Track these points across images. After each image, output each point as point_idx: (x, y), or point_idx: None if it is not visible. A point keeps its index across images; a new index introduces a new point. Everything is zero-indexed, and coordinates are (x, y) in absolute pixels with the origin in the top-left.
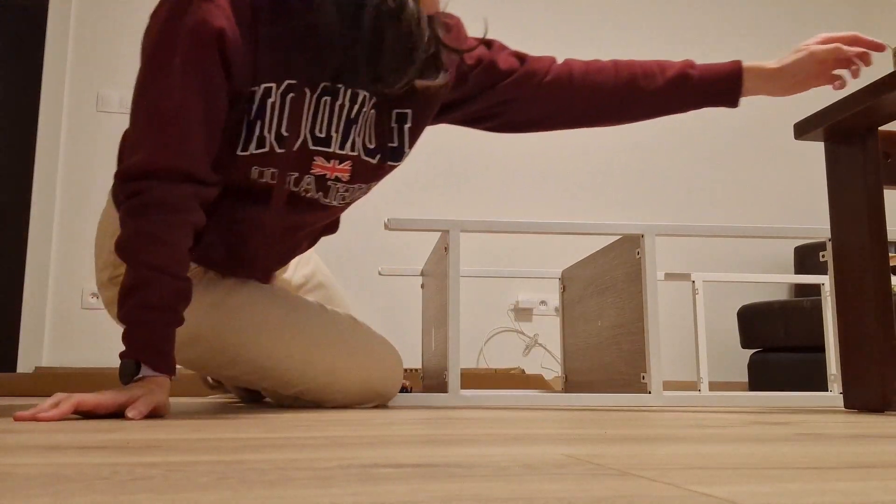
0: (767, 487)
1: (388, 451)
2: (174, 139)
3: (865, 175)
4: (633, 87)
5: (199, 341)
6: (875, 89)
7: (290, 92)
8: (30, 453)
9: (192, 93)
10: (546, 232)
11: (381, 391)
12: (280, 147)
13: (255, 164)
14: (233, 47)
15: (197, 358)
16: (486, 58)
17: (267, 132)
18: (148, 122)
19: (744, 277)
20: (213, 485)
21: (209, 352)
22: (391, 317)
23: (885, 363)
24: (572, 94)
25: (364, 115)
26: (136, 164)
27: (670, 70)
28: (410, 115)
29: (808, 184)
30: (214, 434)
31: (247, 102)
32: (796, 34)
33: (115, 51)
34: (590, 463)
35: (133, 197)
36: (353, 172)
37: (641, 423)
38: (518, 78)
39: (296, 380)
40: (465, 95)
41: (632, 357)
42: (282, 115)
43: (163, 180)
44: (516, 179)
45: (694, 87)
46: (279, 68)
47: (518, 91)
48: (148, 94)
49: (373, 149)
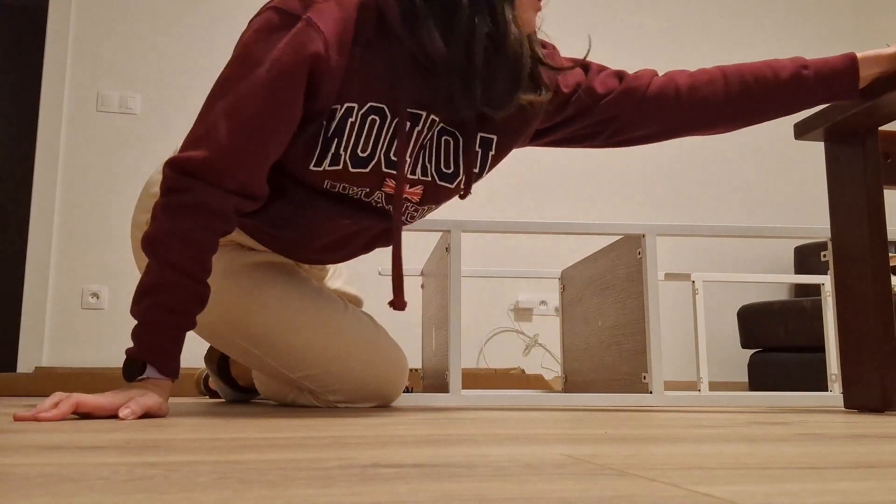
0: (767, 487)
1: (388, 451)
2: (241, 148)
3: (865, 175)
4: (746, 96)
5: (219, 305)
6: (874, 89)
7: (371, 114)
8: (30, 453)
9: (271, 109)
10: (546, 232)
11: (386, 392)
12: (354, 167)
13: (328, 179)
14: (323, 70)
15: (209, 324)
16: (584, 83)
17: (343, 150)
18: (222, 121)
19: (744, 277)
20: (213, 485)
21: (225, 315)
22: (391, 317)
23: (885, 363)
24: (681, 108)
25: (442, 141)
26: (195, 161)
27: (783, 72)
28: (495, 142)
29: (808, 184)
30: (214, 434)
31: (326, 119)
32: (796, 34)
33: (115, 51)
34: (590, 463)
35: (179, 193)
36: (423, 195)
37: (641, 423)
38: (616, 97)
39: (307, 362)
40: (563, 119)
41: (633, 357)
42: (360, 136)
43: (214, 186)
44: (516, 179)
45: (810, 88)
46: (365, 90)
47: (618, 110)
48: (229, 94)
49: (450, 173)
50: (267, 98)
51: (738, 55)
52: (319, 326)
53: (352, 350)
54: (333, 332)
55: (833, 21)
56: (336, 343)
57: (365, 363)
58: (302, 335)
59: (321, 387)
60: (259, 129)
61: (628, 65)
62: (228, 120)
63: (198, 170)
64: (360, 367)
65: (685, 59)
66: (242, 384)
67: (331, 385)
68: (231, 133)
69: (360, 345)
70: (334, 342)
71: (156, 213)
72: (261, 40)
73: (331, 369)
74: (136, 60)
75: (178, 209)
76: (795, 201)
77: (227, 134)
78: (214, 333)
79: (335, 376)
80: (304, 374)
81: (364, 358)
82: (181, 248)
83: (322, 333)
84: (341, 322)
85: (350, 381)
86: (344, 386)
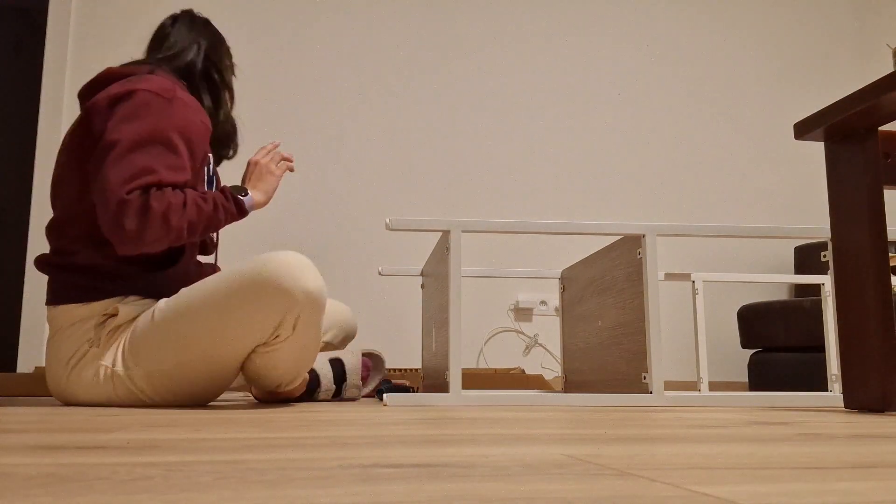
0: (767, 487)
1: (388, 451)
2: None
3: (865, 175)
4: None
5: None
6: (875, 89)
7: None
8: (30, 453)
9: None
10: (546, 232)
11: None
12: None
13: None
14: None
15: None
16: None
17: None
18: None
19: (744, 277)
20: (213, 485)
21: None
22: (391, 317)
23: (885, 363)
24: None
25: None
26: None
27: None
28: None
29: (808, 184)
30: (214, 434)
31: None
32: (797, 34)
33: (115, 51)
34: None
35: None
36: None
37: (641, 423)
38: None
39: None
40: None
41: (633, 357)
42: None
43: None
44: (516, 179)
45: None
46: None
47: None
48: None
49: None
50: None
51: (737, 55)
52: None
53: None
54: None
55: (833, 21)
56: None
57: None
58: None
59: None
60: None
61: (627, 65)
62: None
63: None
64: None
65: (685, 59)
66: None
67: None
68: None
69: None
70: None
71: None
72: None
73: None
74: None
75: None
76: (795, 201)
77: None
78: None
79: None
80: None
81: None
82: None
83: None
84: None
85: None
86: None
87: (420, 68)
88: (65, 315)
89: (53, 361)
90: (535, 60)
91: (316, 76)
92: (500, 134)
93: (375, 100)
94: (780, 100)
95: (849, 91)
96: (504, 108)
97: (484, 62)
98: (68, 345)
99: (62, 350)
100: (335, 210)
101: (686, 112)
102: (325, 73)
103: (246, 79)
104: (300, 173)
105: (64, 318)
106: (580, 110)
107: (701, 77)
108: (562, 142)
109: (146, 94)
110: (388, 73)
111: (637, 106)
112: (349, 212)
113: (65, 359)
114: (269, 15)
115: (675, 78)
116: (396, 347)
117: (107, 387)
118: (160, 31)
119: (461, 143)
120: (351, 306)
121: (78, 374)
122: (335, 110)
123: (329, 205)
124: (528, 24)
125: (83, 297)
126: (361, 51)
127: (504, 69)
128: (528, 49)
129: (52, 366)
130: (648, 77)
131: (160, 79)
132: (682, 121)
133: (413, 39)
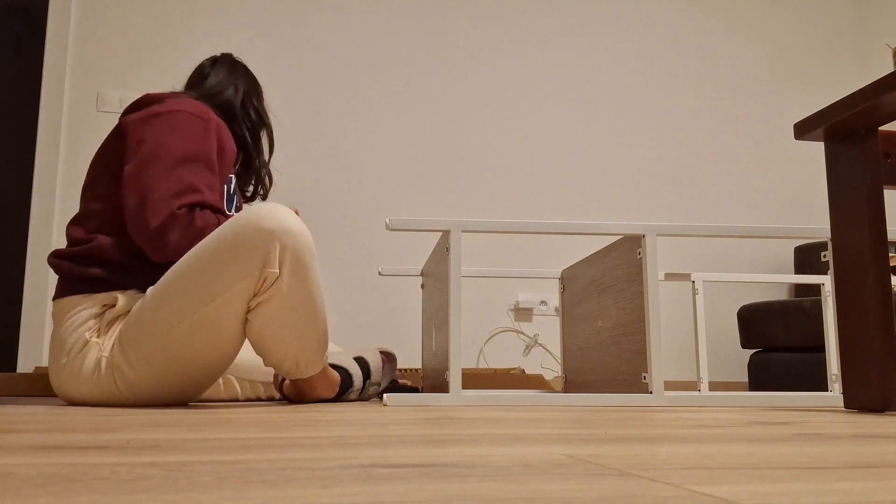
0: (768, 487)
1: (388, 451)
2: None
3: (865, 175)
4: None
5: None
6: (875, 89)
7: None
8: (30, 453)
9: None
10: (546, 232)
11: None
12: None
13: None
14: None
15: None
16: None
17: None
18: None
19: (744, 277)
20: (213, 485)
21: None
22: (391, 317)
23: (885, 363)
24: None
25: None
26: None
27: None
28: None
29: (808, 184)
30: (214, 434)
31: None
32: (797, 34)
33: (115, 51)
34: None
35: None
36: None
37: (642, 424)
38: None
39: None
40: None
41: (633, 357)
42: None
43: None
44: (516, 179)
45: None
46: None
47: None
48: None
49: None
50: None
51: (737, 55)
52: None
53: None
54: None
55: (833, 21)
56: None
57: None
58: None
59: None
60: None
61: (628, 65)
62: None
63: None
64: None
65: (685, 58)
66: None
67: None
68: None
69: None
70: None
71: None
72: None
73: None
74: (136, 60)
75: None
76: (795, 201)
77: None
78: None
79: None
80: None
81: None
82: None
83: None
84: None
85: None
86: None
87: (420, 68)
88: (69, 306)
89: (55, 352)
90: (535, 60)
91: (316, 76)
92: (500, 134)
93: (375, 100)
94: (780, 100)
95: (849, 91)
96: (504, 108)
97: (484, 62)
98: (70, 335)
99: (65, 341)
100: (335, 210)
101: (686, 112)
102: (325, 73)
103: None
104: (300, 173)
105: (68, 310)
106: (580, 110)
107: (701, 77)
108: (562, 142)
109: (185, 113)
110: (388, 73)
111: (637, 106)
112: (349, 212)
113: (66, 349)
114: (269, 15)
115: (675, 78)
116: (396, 347)
117: (107, 377)
118: (199, 72)
119: (461, 143)
120: (351, 306)
121: (78, 364)
122: (335, 110)
123: (329, 205)
124: (528, 24)
125: (89, 288)
126: (361, 50)
127: (504, 69)
128: (529, 49)
129: (54, 357)
130: (648, 77)
131: (196, 102)
132: (682, 121)
133: (413, 39)
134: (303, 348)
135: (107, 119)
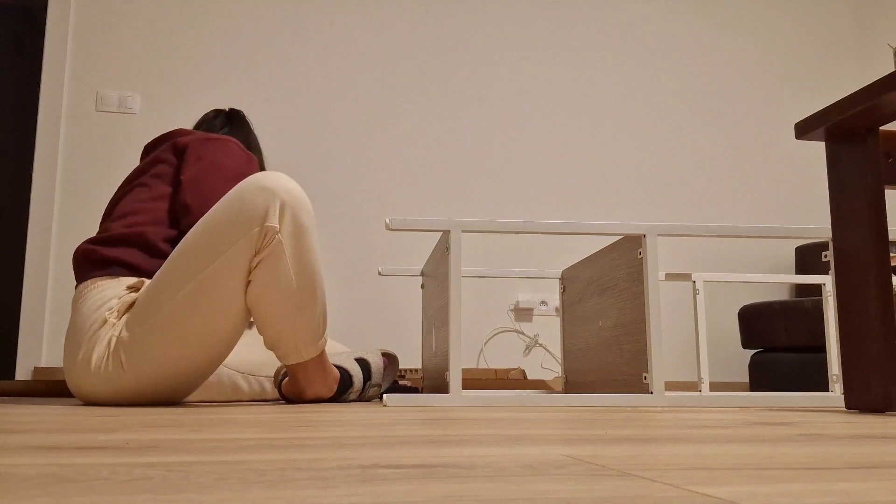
0: (768, 488)
1: (388, 452)
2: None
3: (866, 175)
4: None
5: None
6: (876, 89)
7: None
8: (30, 453)
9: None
10: (546, 232)
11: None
12: None
13: None
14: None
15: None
16: None
17: None
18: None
19: (744, 277)
20: (213, 485)
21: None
22: (391, 317)
23: (886, 363)
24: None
25: None
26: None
27: None
28: None
29: (809, 184)
30: (214, 434)
31: None
32: (797, 35)
33: (114, 50)
34: (590, 463)
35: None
36: None
37: (642, 424)
38: None
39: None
40: None
41: (633, 357)
42: None
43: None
44: (516, 179)
45: None
46: None
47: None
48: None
49: None
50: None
51: (737, 56)
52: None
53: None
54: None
55: (833, 22)
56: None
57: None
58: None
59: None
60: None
61: (628, 66)
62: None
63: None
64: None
65: (685, 59)
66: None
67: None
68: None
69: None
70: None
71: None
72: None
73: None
74: (135, 60)
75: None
76: (796, 201)
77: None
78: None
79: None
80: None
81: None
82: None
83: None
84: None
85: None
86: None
87: (420, 68)
88: (97, 288)
89: (72, 344)
90: (535, 60)
91: (316, 76)
92: (500, 134)
93: (375, 100)
94: (780, 100)
95: (849, 91)
96: (504, 109)
97: (484, 62)
98: (90, 315)
99: (85, 323)
100: (335, 210)
101: (686, 112)
102: (325, 73)
103: (246, 79)
104: (300, 174)
105: (93, 292)
106: (580, 110)
107: (701, 77)
108: (562, 142)
109: (235, 144)
110: (388, 74)
111: (637, 106)
112: (349, 212)
113: (85, 331)
114: (270, 16)
115: (675, 78)
116: (396, 347)
117: (115, 360)
118: (203, 124)
119: (461, 143)
120: (351, 306)
121: (91, 349)
122: (335, 110)
123: (329, 205)
124: (528, 25)
125: (120, 272)
126: (362, 51)
127: (504, 69)
128: (529, 49)
129: (71, 338)
130: (648, 77)
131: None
132: (682, 121)
133: (413, 40)
134: (302, 325)
135: (106, 119)
